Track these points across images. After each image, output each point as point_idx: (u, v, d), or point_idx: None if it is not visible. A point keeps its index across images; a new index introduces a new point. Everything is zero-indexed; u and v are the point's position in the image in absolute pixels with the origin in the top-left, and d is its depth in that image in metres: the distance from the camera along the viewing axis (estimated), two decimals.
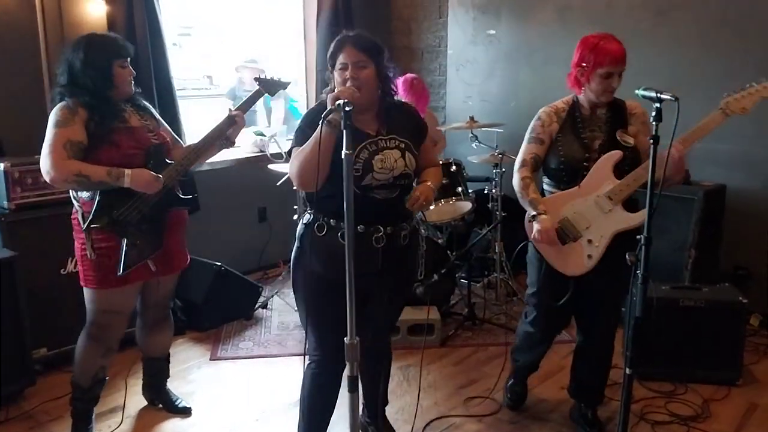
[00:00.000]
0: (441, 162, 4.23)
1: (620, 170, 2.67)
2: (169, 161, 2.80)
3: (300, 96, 5.75)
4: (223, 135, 2.91)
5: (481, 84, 5.47)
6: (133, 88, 2.80)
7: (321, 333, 2.49)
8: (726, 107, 2.56)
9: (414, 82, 4.46)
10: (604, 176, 2.68)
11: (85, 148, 2.63)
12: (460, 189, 4.20)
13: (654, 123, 2.18)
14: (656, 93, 2.19)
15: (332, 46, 2.35)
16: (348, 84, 2.27)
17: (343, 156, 1.93)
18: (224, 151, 3.02)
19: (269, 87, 3.14)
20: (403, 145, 2.38)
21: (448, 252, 4.29)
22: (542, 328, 3.05)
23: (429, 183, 2.45)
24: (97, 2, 4.03)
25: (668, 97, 2.16)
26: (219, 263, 4.27)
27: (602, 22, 4.65)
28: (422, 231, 2.61)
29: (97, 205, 2.66)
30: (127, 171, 2.61)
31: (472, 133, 4.56)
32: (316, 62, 5.30)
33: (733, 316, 3.43)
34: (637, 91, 2.30)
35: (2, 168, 3.32)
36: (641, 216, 2.60)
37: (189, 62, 5.68)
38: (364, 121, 2.37)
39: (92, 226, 2.67)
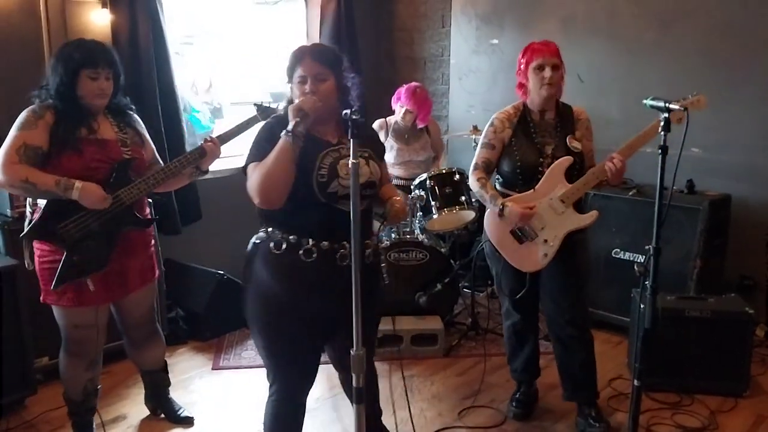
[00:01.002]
0: (444, 171, 4.24)
1: (569, 174, 2.89)
2: (132, 179, 2.70)
3: None
4: (192, 164, 2.82)
5: (484, 93, 5.47)
6: (105, 101, 2.69)
7: (281, 363, 2.38)
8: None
9: (417, 90, 4.45)
10: (557, 180, 2.88)
11: (44, 154, 2.56)
12: (463, 198, 4.19)
13: (663, 133, 2.18)
14: (665, 103, 2.19)
15: (290, 59, 2.28)
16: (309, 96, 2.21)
17: (349, 165, 1.92)
18: (227, 159, 2.97)
19: (267, 115, 2.92)
20: (366, 154, 2.32)
21: (452, 261, 4.27)
22: (517, 319, 3.21)
23: (398, 197, 2.41)
24: (101, 11, 4.03)
25: (677, 108, 2.16)
26: (221, 272, 4.25)
27: (605, 33, 4.65)
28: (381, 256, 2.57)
29: (41, 214, 2.56)
30: (78, 184, 2.50)
31: (475, 142, 4.55)
32: None
33: (740, 326, 3.41)
34: (645, 101, 2.30)
35: None
36: (591, 217, 2.92)
37: (191, 71, 5.66)
38: (324, 131, 2.31)
39: (31, 235, 2.59)
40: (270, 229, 2.29)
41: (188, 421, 3.21)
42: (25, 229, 2.61)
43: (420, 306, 4.09)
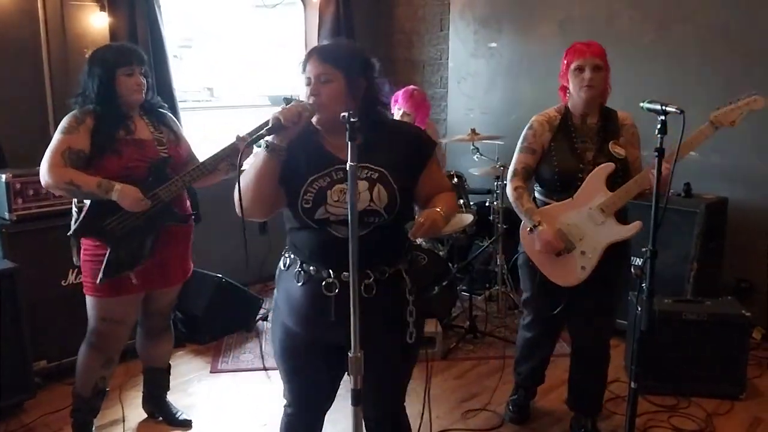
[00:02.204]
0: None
1: (612, 182, 2.72)
2: (170, 176, 2.78)
3: None
4: (225, 161, 2.84)
5: (482, 97, 5.48)
6: (143, 97, 2.79)
7: (293, 385, 2.24)
8: (715, 120, 2.58)
9: (414, 93, 4.46)
10: (597, 188, 2.72)
11: (86, 157, 2.66)
12: (461, 201, 4.20)
13: (659, 136, 2.18)
14: (661, 105, 2.19)
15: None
16: (311, 100, 1.96)
17: (347, 168, 1.77)
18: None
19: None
20: (375, 176, 1.98)
21: (450, 264, 4.28)
22: (539, 332, 3.11)
23: (438, 208, 2.02)
24: (99, 14, 4.05)
25: (673, 110, 2.16)
26: (219, 275, 4.26)
27: (603, 36, 4.64)
28: (408, 285, 2.09)
29: (86, 212, 2.68)
30: (117, 186, 2.61)
31: (473, 145, 4.56)
32: None
33: (736, 329, 3.42)
34: (641, 104, 2.30)
35: (4, 179, 3.31)
36: (633, 228, 2.73)
37: (189, 74, 5.67)
38: (336, 145, 2.00)
39: (78, 233, 2.71)
40: (286, 245, 2.15)
41: (187, 424, 3.21)
42: (72, 228, 2.73)
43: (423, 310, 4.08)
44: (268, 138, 1.92)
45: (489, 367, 3.83)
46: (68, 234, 2.73)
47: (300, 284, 2.05)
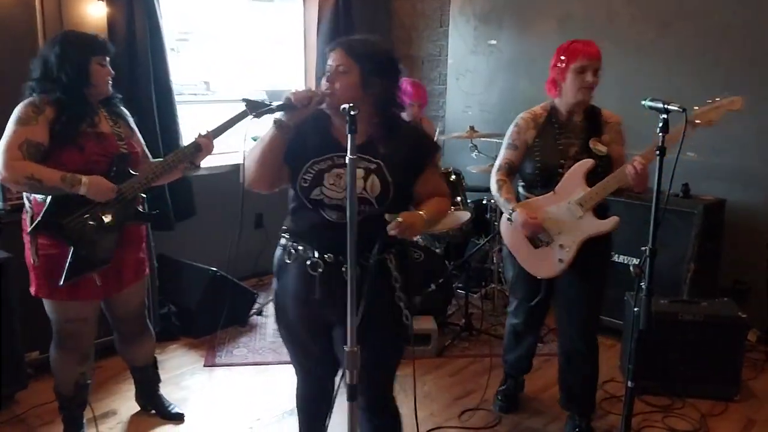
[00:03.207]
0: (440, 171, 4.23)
1: (592, 178, 2.76)
2: (132, 173, 2.69)
3: None
4: (188, 159, 2.79)
5: (481, 94, 5.47)
6: (110, 90, 2.70)
7: (293, 359, 2.44)
8: (693, 119, 2.54)
9: (419, 83, 4.46)
10: (576, 183, 2.77)
11: (45, 150, 2.52)
12: (459, 198, 4.19)
13: (660, 134, 2.17)
14: (663, 104, 2.18)
15: None
16: (324, 87, 2.08)
17: (347, 160, 1.85)
18: (221, 155, 2.92)
19: (257, 109, 2.90)
20: (372, 167, 2.08)
21: (446, 262, 4.26)
22: (523, 320, 3.15)
23: (422, 212, 2.11)
24: (97, 4, 4.01)
25: (675, 108, 2.15)
26: (214, 269, 4.24)
27: (604, 33, 4.64)
28: (397, 290, 2.23)
29: (47, 208, 2.53)
30: (84, 179, 2.49)
31: (471, 142, 4.55)
32: (316, 70, 5.29)
33: (732, 331, 3.42)
34: (643, 102, 2.29)
35: None
36: (610, 223, 2.78)
37: (186, 67, 5.64)
38: (343, 132, 2.00)
39: (38, 230, 2.55)
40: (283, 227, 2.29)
41: (179, 418, 3.19)
42: (31, 225, 2.57)
43: (413, 306, 4.07)
44: (278, 115, 2.05)
45: (484, 365, 3.81)
46: (27, 232, 2.58)
47: (289, 261, 2.19)
